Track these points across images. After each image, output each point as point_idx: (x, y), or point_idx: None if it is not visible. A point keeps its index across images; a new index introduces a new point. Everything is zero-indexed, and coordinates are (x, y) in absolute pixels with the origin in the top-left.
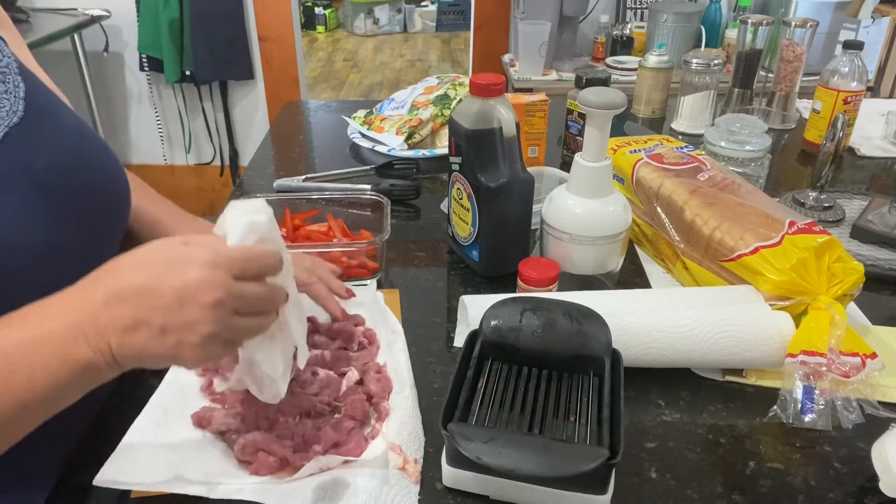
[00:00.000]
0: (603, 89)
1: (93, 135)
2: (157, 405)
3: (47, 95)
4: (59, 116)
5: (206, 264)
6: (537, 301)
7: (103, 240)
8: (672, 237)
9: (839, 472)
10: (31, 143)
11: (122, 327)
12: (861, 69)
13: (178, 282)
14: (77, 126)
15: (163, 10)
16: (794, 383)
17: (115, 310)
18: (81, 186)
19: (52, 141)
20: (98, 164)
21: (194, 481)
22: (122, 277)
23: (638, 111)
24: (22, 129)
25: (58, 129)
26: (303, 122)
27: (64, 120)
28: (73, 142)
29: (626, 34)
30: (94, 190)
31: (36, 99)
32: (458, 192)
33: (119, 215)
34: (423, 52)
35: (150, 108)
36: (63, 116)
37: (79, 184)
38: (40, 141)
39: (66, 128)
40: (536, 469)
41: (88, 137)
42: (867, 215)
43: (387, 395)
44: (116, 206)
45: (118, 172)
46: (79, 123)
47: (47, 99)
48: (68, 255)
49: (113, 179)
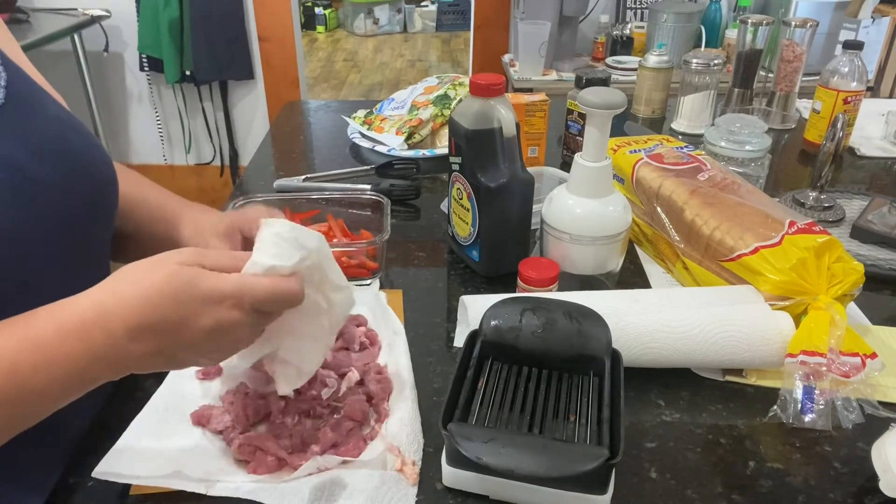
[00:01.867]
0: (603, 89)
1: (78, 125)
2: (158, 403)
3: (31, 86)
4: (41, 105)
5: (232, 306)
6: (537, 301)
7: (87, 230)
8: (672, 237)
9: (839, 472)
10: (11, 130)
11: (144, 356)
12: (861, 69)
13: (206, 322)
14: (60, 116)
15: (163, 10)
16: (794, 383)
17: (138, 345)
18: (64, 176)
19: (33, 129)
20: (82, 153)
21: (193, 478)
22: (144, 311)
23: (638, 111)
24: (1, 117)
25: (40, 118)
26: (303, 122)
27: (47, 109)
28: (56, 131)
29: (626, 34)
30: (78, 180)
31: (18, 87)
32: (458, 192)
33: (104, 206)
34: (423, 52)
35: (150, 108)
36: (46, 106)
37: (61, 173)
38: (21, 128)
39: (48, 117)
40: (536, 469)
41: (72, 127)
42: (867, 215)
43: (387, 396)
44: (102, 197)
45: (104, 163)
46: (63, 114)
47: (30, 88)
48: (48, 243)
49: (98, 169)
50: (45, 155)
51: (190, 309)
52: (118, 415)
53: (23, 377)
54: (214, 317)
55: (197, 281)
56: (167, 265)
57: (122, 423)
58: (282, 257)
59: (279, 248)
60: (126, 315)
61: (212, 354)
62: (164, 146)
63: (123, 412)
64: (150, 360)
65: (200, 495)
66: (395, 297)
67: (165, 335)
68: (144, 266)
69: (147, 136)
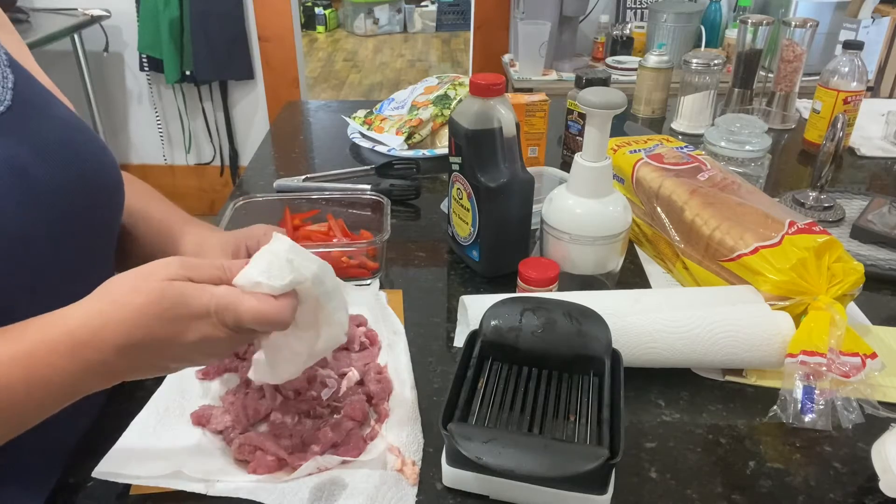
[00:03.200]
0: (603, 89)
1: (85, 128)
2: (158, 403)
3: (38, 88)
4: (49, 109)
5: (217, 322)
6: (537, 301)
7: (93, 233)
8: (672, 237)
9: (839, 472)
10: (18, 133)
11: (134, 369)
12: (861, 69)
13: (192, 337)
14: (67, 118)
15: (163, 10)
16: (794, 383)
17: (128, 360)
18: (69, 178)
19: (39, 131)
20: (90, 158)
21: (193, 478)
22: (131, 332)
23: (638, 111)
24: (8, 119)
25: (47, 121)
26: (303, 122)
27: (55, 112)
28: (63, 134)
29: (626, 34)
30: (84, 182)
31: (25, 90)
32: (458, 192)
33: (110, 209)
34: (423, 52)
35: (150, 108)
36: (54, 109)
37: (66, 176)
38: (27, 130)
39: (56, 120)
40: (536, 469)
41: (79, 130)
42: (867, 215)
43: (387, 396)
44: (107, 200)
45: (111, 168)
46: (71, 118)
47: (38, 91)
48: (53, 245)
49: (105, 174)
50: (50, 157)
51: (177, 327)
52: (118, 415)
53: (16, 392)
54: (200, 332)
55: (184, 300)
56: (153, 282)
57: (122, 423)
58: (271, 276)
59: (271, 266)
60: (114, 337)
61: (195, 361)
62: (164, 146)
63: (123, 412)
64: (140, 371)
65: (200, 495)
66: (395, 297)
67: (152, 350)
68: (130, 282)
69: (147, 136)
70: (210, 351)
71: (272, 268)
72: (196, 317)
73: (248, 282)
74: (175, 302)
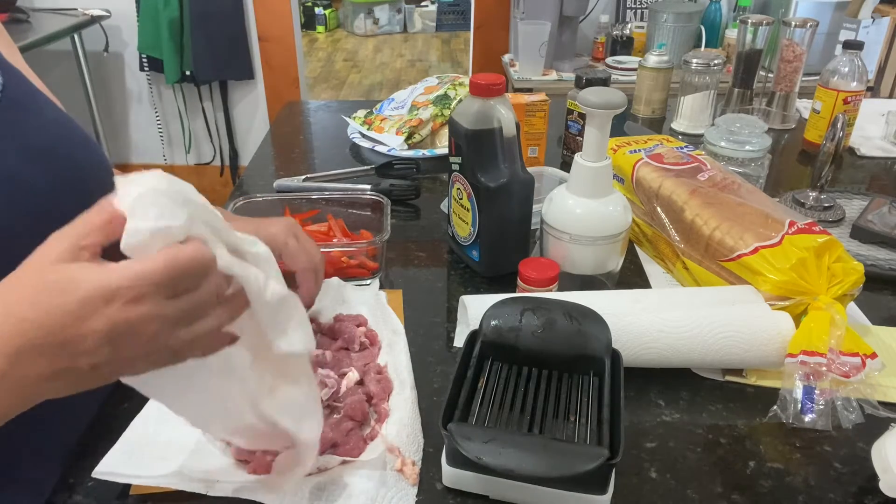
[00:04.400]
0: (603, 89)
1: (75, 128)
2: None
3: (27, 89)
4: (38, 109)
5: (128, 302)
6: (537, 301)
7: None
8: (672, 237)
9: (839, 472)
10: (5, 134)
11: (46, 377)
12: (861, 69)
13: (96, 326)
14: (57, 119)
15: (163, 10)
16: (794, 383)
17: (32, 367)
18: (57, 179)
19: (28, 132)
20: (77, 157)
21: (193, 478)
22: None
23: (638, 111)
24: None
25: (35, 121)
26: (303, 122)
27: (44, 113)
28: (51, 134)
29: (626, 34)
30: (72, 183)
31: (14, 91)
32: (458, 192)
33: None
34: (423, 52)
35: (150, 108)
36: (43, 110)
37: (55, 176)
38: (15, 132)
39: (46, 120)
40: (536, 469)
41: (69, 131)
42: (867, 215)
43: (387, 396)
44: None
45: (100, 166)
46: (60, 117)
47: (27, 92)
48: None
49: (94, 173)
50: (38, 158)
51: (68, 318)
52: (118, 415)
53: None
54: (105, 320)
55: (73, 286)
56: (33, 273)
57: (122, 423)
58: (166, 217)
59: (161, 207)
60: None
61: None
62: (164, 146)
63: (123, 412)
64: (60, 380)
65: (200, 495)
66: (395, 296)
67: (54, 350)
68: (12, 277)
69: (147, 136)
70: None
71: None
72: (91, 302)
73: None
74: (62, 289)
